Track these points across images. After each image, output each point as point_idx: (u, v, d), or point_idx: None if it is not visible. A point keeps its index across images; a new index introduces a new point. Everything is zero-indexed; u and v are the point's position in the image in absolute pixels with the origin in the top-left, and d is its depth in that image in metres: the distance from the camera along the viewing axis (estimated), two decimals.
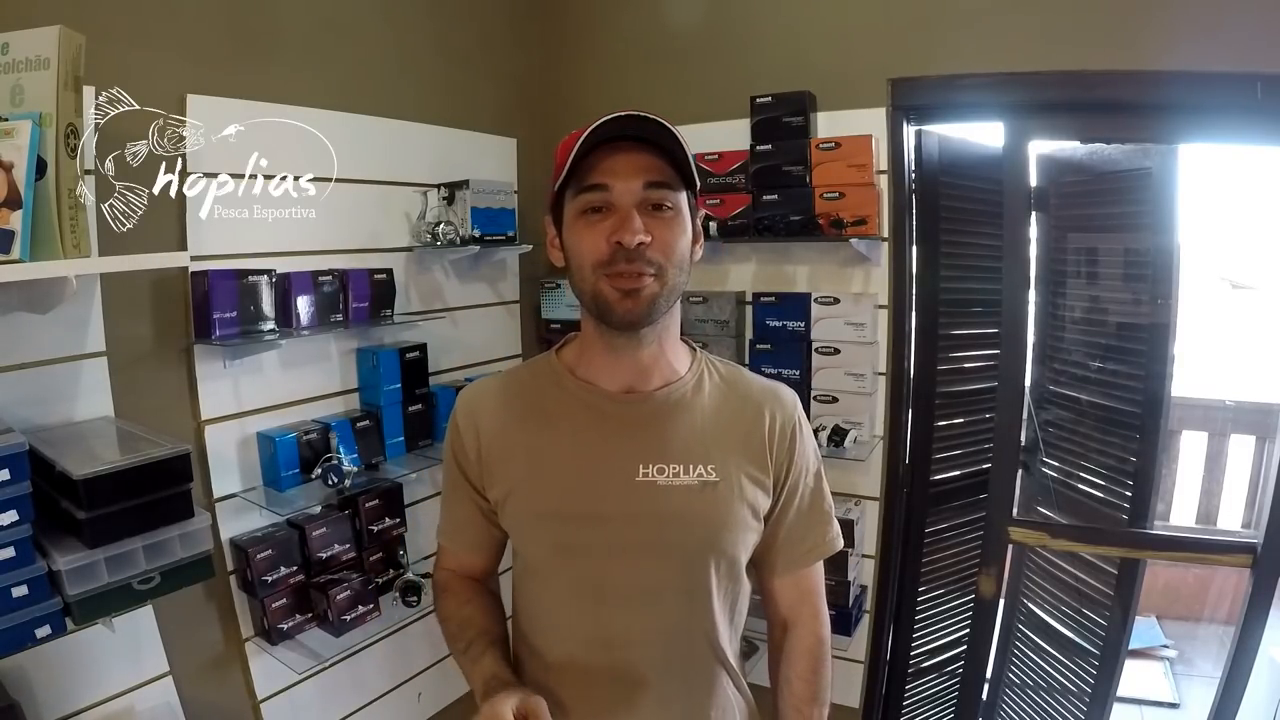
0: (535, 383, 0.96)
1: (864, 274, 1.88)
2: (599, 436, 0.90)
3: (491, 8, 2.11)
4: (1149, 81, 1.54)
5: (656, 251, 0.83)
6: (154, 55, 1.36)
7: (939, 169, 1.88)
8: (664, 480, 0.88)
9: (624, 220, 0.81)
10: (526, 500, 0.91)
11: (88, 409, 1.32)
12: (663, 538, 0.88)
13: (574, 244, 0.85)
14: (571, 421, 0.91)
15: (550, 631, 0.93)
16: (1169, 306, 1.83)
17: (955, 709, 2.02)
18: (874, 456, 1.88)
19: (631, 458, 0.88)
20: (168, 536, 1.23)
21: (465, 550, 1.01)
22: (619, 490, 0.88)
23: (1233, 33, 1.46)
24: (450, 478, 0.99)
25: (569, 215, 0.86)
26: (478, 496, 0.96)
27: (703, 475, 0.89)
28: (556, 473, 0.90)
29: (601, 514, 0.88)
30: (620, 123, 0.81)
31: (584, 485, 0.89)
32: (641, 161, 0.83)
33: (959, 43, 1.71)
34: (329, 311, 1.62)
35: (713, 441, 0.91)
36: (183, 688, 1.44)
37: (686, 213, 0.88)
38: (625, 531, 0.87)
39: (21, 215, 1.04)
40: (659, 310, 0.85)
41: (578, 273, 0.86)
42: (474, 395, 0.98)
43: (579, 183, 0.84)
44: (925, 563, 2.02)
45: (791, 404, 0.98)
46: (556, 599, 0.92)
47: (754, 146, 1.89)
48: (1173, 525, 3.11)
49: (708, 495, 0.89)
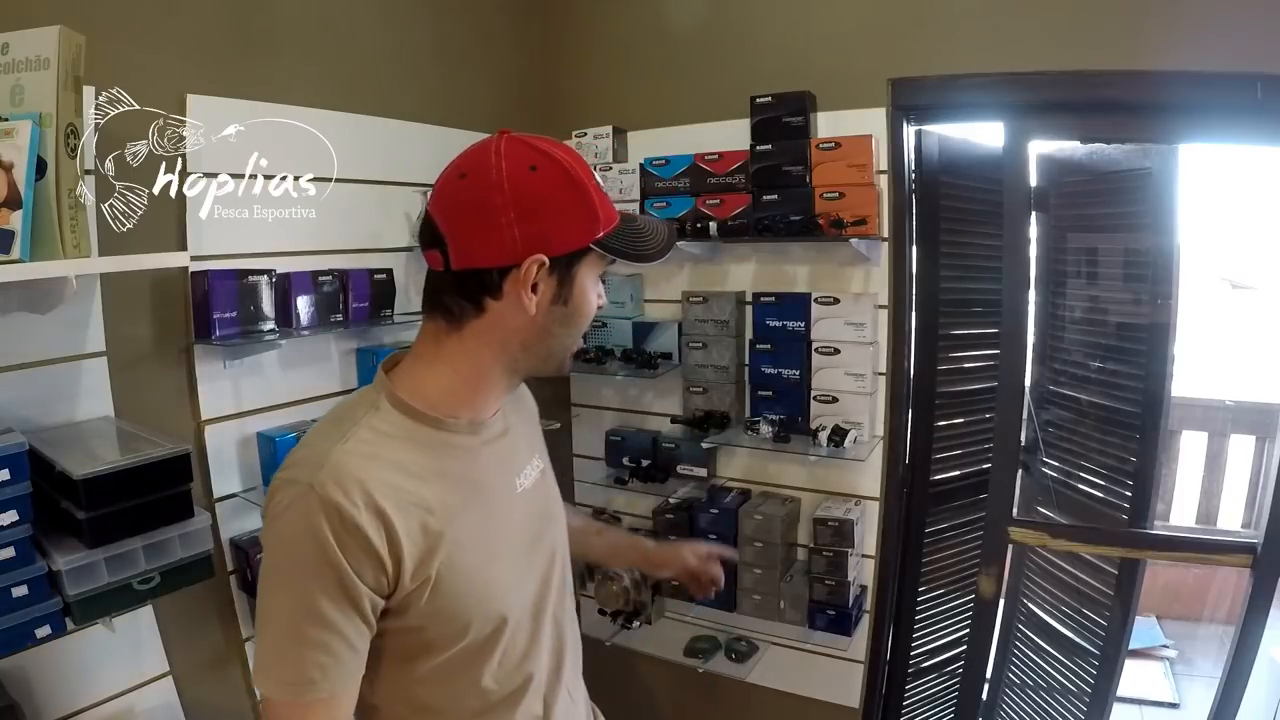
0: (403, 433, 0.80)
1: (864, 274, 1.88)
2: (487, 467, 0.87)
3: (491, 8, 2.11)
4: (1149, 81, 1.54)
5: None
6: (154, 55, 1.35)
7: (939, 169, 1.88)
8: (529, 483, 0.93)
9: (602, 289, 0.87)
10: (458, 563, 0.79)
11: (88, 409, 1.32)
12: (545, 535, 0.94)
13: (587, 302, 0.84)
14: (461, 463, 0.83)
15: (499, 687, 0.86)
16: (1169, 306, 1.83)
17: (955, 709, 2.02)
18: (874, 456, 1.88)
19: (509, 474, 0.91)
20: (168, 536, 1.23)
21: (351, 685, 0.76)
22: (510, 509, 0.89)
23: (1233, 33, 1.46)
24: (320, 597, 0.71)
25: (588, 269, 0.82)
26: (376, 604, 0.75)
27: (538, 465, 0.97)
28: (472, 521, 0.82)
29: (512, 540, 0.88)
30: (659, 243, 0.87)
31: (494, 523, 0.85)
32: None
33: (959, 43, 1.71)
34: (329, 311, 1.62)
35: (528, 434, 0.99)
36: (183, 688, 1.44)
37: None
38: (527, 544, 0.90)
39: (21, 215, 1.04)
40: None
41: (575, 332, 0.85)
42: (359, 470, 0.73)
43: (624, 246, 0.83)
44: (925, 563, 2.02)
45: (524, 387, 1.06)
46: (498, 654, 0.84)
47: (754, 146, 1.89)
48: (1173, 525, 3.11)
49: (547, 482, 0.99)
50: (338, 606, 0.72)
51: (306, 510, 0.71)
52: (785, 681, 2.07)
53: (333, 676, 0.73)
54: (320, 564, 0.71)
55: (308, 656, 0.72)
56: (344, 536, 0.71)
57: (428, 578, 0.76)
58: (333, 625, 0.72)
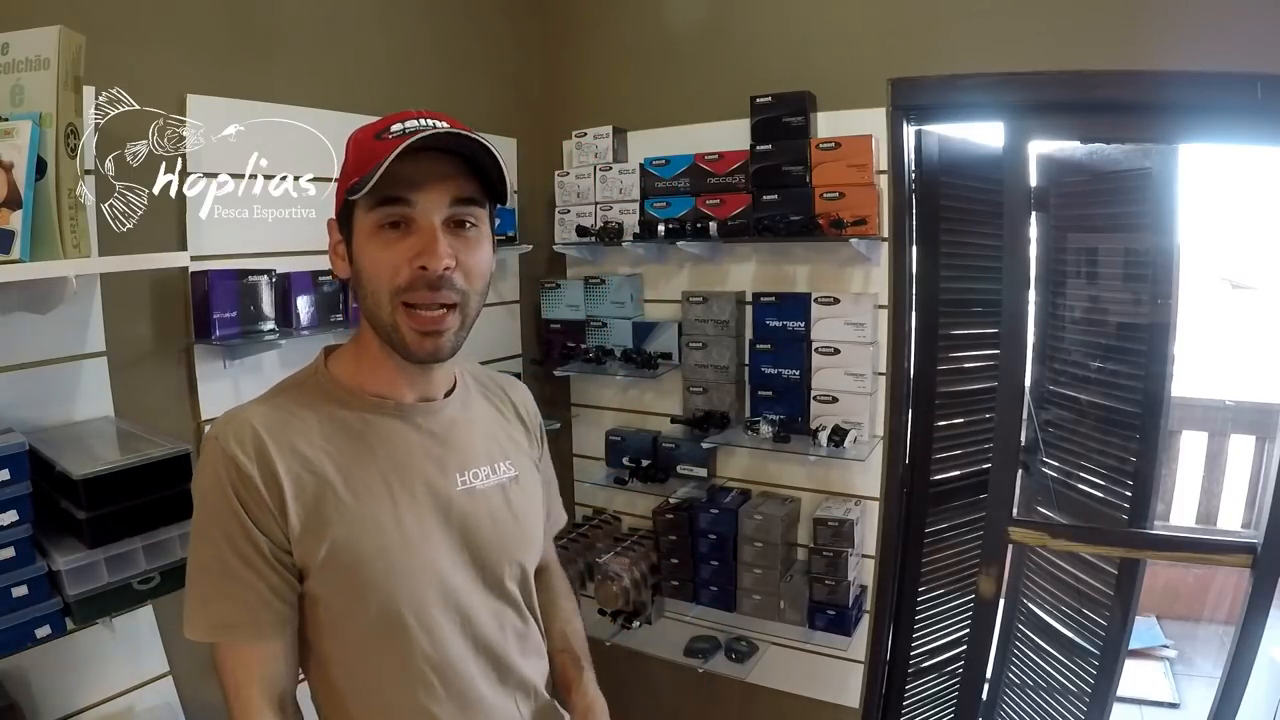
0: (320, 404, 0.83)
1: (864, 274, 1.88)
2: (413, 452, 0.84)
3: (491, 8, 2.11)
4: (1149, 81, 1.54)
5: (461, 276, 0.78)
6: (154, 55, 1.36)
7: (939, 169, 1.88)
8: (480, 484, 0.88)
9: (429, 243, 0.75)
10: (364, 540, 0.78)
11: (88, 409, 1.32)
12: (496, 541, 0.87)
13: (368, 263, 0.77)
14: (380, 441, 0.83)
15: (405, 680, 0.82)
16: (1169, 306, 1.83)
17: (955, 709, 2.02)
18: (874, 456, 1.88)
19: (449, 468, 0.86)
20: (168, 536, 1.22)
21: (266, 638, 0.78)
22: (447, 504, 0.85)
23: (1233, 33, 1.46)
24: (229, 544, 0.75)
25: (364, 226, 0.77)
26: (281, 553, 0.77)
27: (506, 472, 0.91)
28: (383, 501, 0.80)
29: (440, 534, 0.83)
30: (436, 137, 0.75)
31: (415, 509, 0.82)
32: (448, 174, 0.76)
33: (959, 43, 1.71)
34: (329, 311, 1.62)
35: (500, 437, 0.94)
36: (183, 688, 1.44)
37: (488, 228, 0.83)
38: (461, 542, 0.85)
39: (21, 215, 1.04)
40: (459, 343, 0.83)
41: (372, 296, 0.78)
42: (255, 430, 0.77)
43: (377, 193, 0.74)
44: (925, 563, 2.02)
45: (526, 390, 1.05)
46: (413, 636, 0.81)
47: (754, 146, 1.89)
48: (1173, 525, 3.11)
49: (515, 490, 0.91)
50: (245, 552, 0.76)
51: (213, 463, 0.77)
52: (785, 681, 2.07)
53: (256, 621, 0.77)
54: (225, 512, 0.76)
55: (227, 601, 0.77)
56: (239, 486, 0.75)
57: (320, 544, 0.77)
58: (244, 570, 0.76)
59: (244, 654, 0.79)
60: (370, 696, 0.83)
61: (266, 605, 0.77)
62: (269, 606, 0.77)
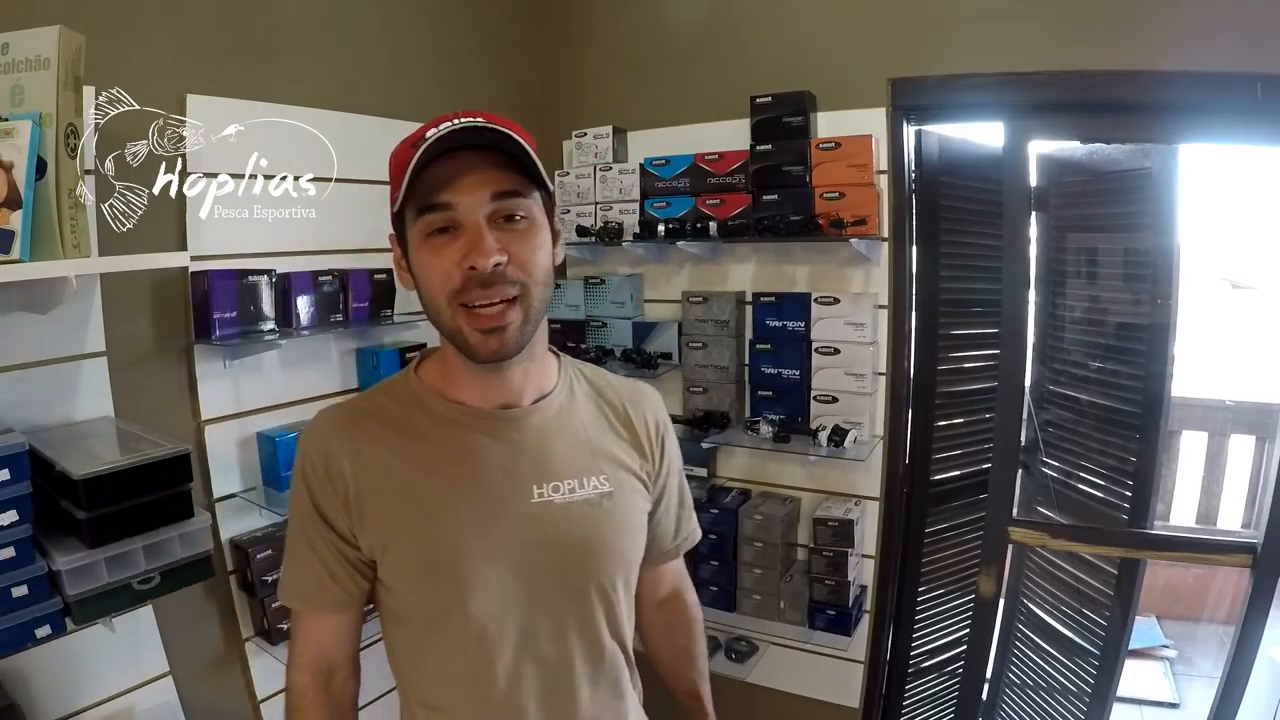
0: (400, 409, 0.86)
1: (864, 274, 1.88)
2: (484, 462, 0.83)
3: (491, 8, 2.11)
4: (1149, 81, 1.54)
5: (516, 270, 0.76)
6: (154, 55, 1.36)
7: (939, 169, 1.87)
8: (560, 498, 0.84)
9: (475, 241, 0.74)
10: (417, 543, 0.81)
11: (88, 409, 1.32)
12: (571, 559, 0.84)
13: (423, 271, 0.78)
14: (450, 449, 0.83)
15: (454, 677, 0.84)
16: (1169, 306, 1.83)
17: (955, 709, 2.02)
18: (874, 456, 1.88)
19: (523, 479, 0.83)
20: (167, 536, 1.23)
21: (328, 610, 0.86)
22: (516, 516, 0.82)
23: (1233, 33, 1.46)
24: (303, 526, 0.84)
25: (414, 238, 0.78)
26: (345, 545, 0.83)
27: (598, 487, 0.86)
28: (446, 508, 0.82)
29: (501, 547, 0.81)
30: (456, 135, 0.74)
31: (481, 514, 0.82)
32: (485, 171, 0.75)
33: (959, 43, 1.71)
34: (329, 311, 1.62)
35: (597, 449, 0.89)
36: (183, 688, 1.44)
37: (542, 218, 0.80)
38: (530, 559, 0.82)
39: (21, 215, 1.04)
40: (526, 338, 0.80)
41: (431, 303, 0.79)
42: (330, 429, 0.85)
43: (419, 201, 0.76)
44: (925, 563, 2.02)
45: (657, 401, 0.98)
46: (461, 639, 0.82)
47: (754, 146, 1.89)
48: (1173, 525, 3.11)
49: (606, 507, 0.86)
50: (312, 537, 0.84)
51: (299, 454, 0.86)
52: (785, 681, 2.07)
53: (314, 596, 0.85)
54: (302, 499, 0.84)
55: (303, 574, 0.85)
56: (312, 479, 0.83)
57: (381, 542, 0.82)
58: (309, 552, 0.84)
59: (304, 620, 0.88)
60: (423, 689, 0.87)
61: (324, 586, 0.84)
62: (326, 587, 0.84)
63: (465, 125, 0.76)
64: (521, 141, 0.76)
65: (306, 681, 0.87)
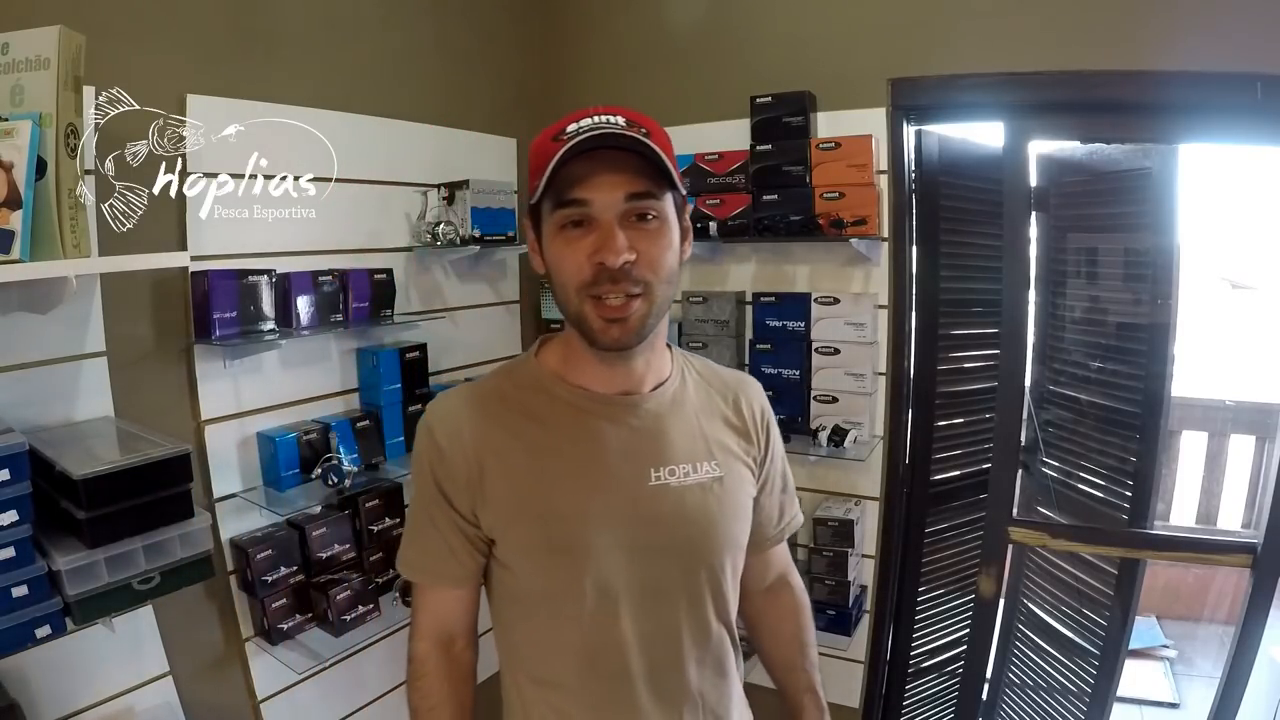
0: (520, 392, 0.90)
1: (864, 274, 1.88)
2: (604, 445, 0.87)
3: (491, 8, 2.11)
4: (1149, 81, 1.54)
5: (643, 269, 0.80)
6: (154, 55, 1.35)
7: (939, 169, 1.88)
8: (676, 482, 0.88)
9: (607, 239, 0.78)
10: (537, 523, 0.85)
11: (88, 409, 1.32)
12: (685, 538, 0.88)
13: (555, 261, 0.82)
14: (572, 430, 0.87)
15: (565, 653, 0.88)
16: (1169, 306, 1.83)
17: (955, 709, 2.02)
18: (874, 456, 1.88)
19: (641, 463, 0.87)
20: (168, 536, 1.23)
21: (448, 584, 0.91)
22: (634, 497, 0.86)
23: (1233, 33, 1.46)
24: (427, 503, 0.89)
25: (549, 229, 0.82)
26: (465, 524, 0.88)
27: (710, 472, 0.90)
28: (565, 487, 0.86)
29: (621, 524, 0.85)
30: (596, 137, 0.78)
31: (597, 497, 0.85)
32: (622, 171, 0.79)
33: (959, 43, 1.71)
34: (329, 311, 1.62)
35: (709, 436, 0.92)
36: (183, 688, 1.44)
37: (673, 217, 0.84)
38: (648, 536, 0.86)
39: (21, 215, 1.04)
40: (648, 330, 0.83)
41: (560, 291, 0.83)
42: (453, 409, 0.90)
43: (557, 195, 0.79)
44: (925, 563, 2.02)
45: (760, 389, 1.02)
46: (577, 627, 0.86)
47: (754, 146, 1.89)
48: (1173, 525, 3.11)
49: (717, 491, 0.90)
50: (435, 514, 0.88)
51: (421, 435, 0.90)
52: None
53: (435, 570, 0.90)
54: (425, 478, 0.89)
55: (424, 549, 0.90)
56: (435, 460, 0.87)
57: (500, 521, 0.86)
58: (431, 529, 0.89)
59: (426, 592, 0.93)
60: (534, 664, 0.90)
61: (445, 560, 0.89)
62: (446, 562, 0.89)
63: (607, 129, 0.79)
64: (656, 148, 0.79)
65: (428, 649, 0.92)
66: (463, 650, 0.94)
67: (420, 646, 0.93)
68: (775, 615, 1.09)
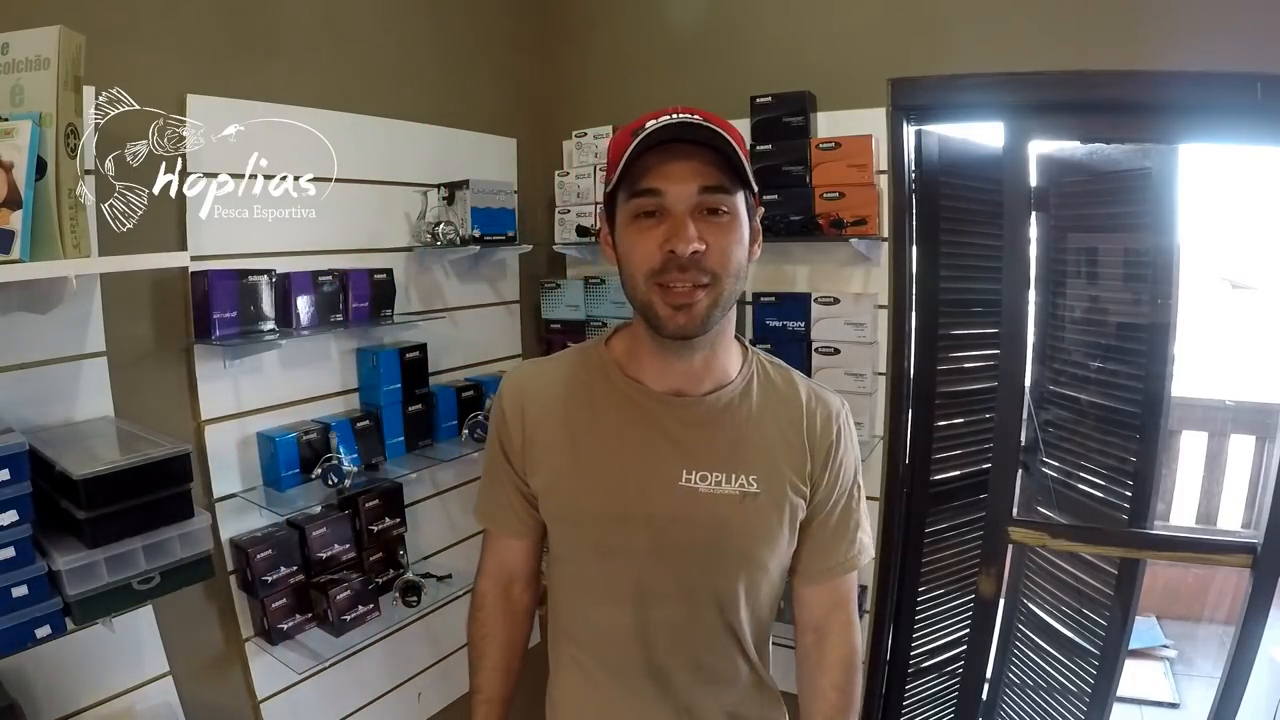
0: (584, 374, 0.95)
1: (864, 274, 1.88)
2: (644, 438, 0.90)
3: (491, 8, 2.11)
4: (1149, 81, 1.54)
5: (712, 260, 0.81)
6: (154, 55, 1.35)
7: (939, 169, 1.87)
8: (705, 488, 0.88)
9: (677, 228, 0.80)
10: (567, 495, 0.93)
11: (88, 409, 1.32)
12: (700, 544, 0.89)
13: (627, 249, 0.85)
14: (618, 419, 0.91)
15: (584, 623, 0.97)
16: (1169, 306, 1.83)
17: (955, 709, 2.02)
18: (874, 456, 1.88)
19: (675, 463, 0.89)
20: (168, 536, 1.23)
21: (509, 534, 1.01)
22: (660, 494, 0.88)
23: (1233, 33, 1.46)
24: (493, 460, 0.99)
25: (622, 217, 0.85)
26: (520, 482, 0.97)
27: (744, 486, 0.89)
28: (599, 470, 0.90)
29: (641, 515, 0.89)
30: (674, 129, 0.80)
31: (625, 485, 0.89)
32: (695, 165, 0.81)
33: (959, 43, 1.71)
34: (329, 311, 1.62)
35: (757, 448, 0.91)
36: (183, 688, 1.44)
37: (744, 215, 0.86)
38: (664, 533, 0.89)
39: (21, 215, 1.04)
40: (712, 321, 0.84)
41: (630, 279, 0.85)
42: (523, 379, 0.98)
43: (631, 185, 0.82)
44: (925, 563, 2.02)
45: (836, 411, 0.97)
46: (591, 595, 0.94)
47: (754, 146, 1.89)
48: (1173, 525, 3.12)
49: (747, 507, 0.89)
50: (498, 472, 0.99)
51: (496, 398, 1.00)
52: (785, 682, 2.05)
53: (499, 520, 1.01)
54: (493, 438, 0.99)
55: (492, 499, 1.01)
56: (501, 424, 0.97)
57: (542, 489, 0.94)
58: (496, 484, 0.99)
59: (491, 538, 1.04)
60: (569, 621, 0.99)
61: (506, 513, 0.99)
62: (507, 514, 0.99)
63: (683, 120, 0.81)
64: (732, 142, 0.81)
65: (489, 586, 1.04)
66: (521, 593, 1.05)
67: (483, 583, 1.04)
68: (813, 662, 1.01)
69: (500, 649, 1.03)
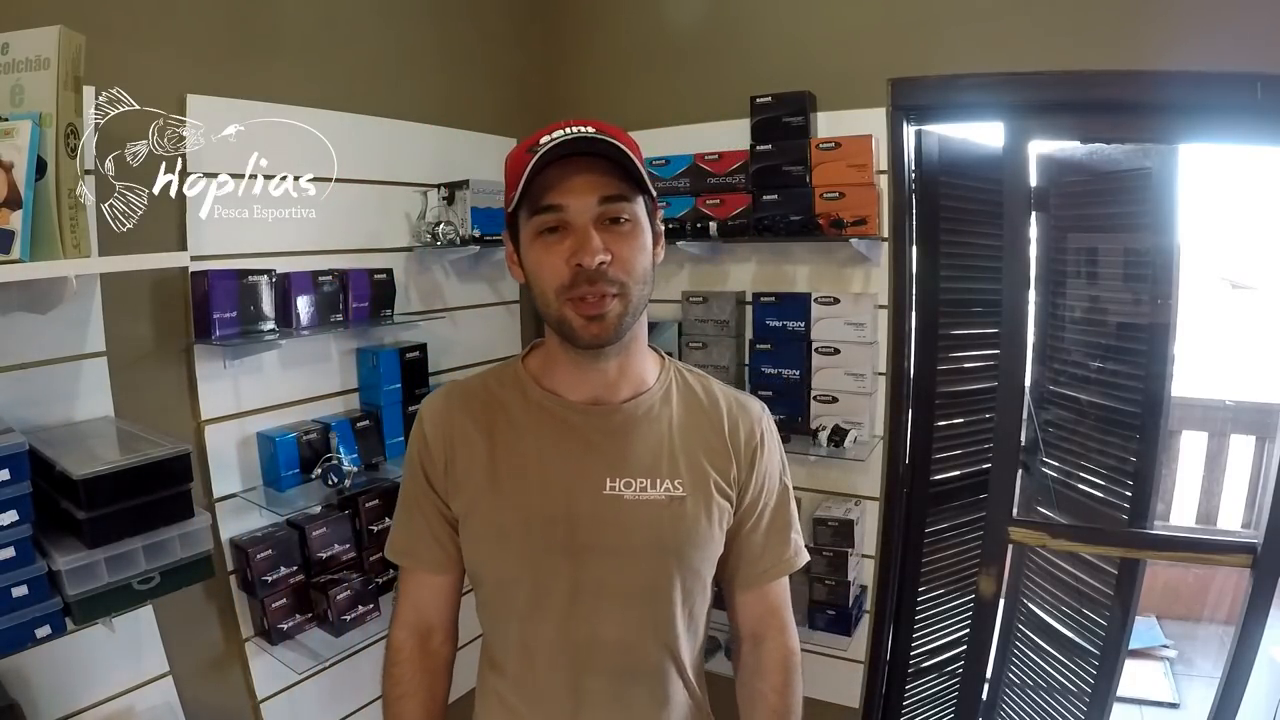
0: (502, 391, 0.94)
1: (864, 274, 1.88)
2: (565, 449, 0.89)
3: (491, 8, 2.11)
4: (1149, 81, 1.54)
5: (618, 269, 0.82)
6: (154, 55, 1.35)
7: (939, 169, 1.88)
8: (631, 495, 0.88)
9: (583, 241, 0.80)
10: (490, 511, 0.89)
11: (88, 409, 1.32)
12: (627, 550, 0.87)
13: (534, 267, 0.84)
14: (538, 433, 0.90)
15: (509, 648, 0.92)
16: (1169, 306, 1.83)
17: (955, 709, 2.02)
18: (874, 456, 1.88)
19: (598, 471, 0.88)
20: (168, 536, 1.23)
21: (429, 569, 0.95)
22: (585, 501, 0.87)
23: (1233, 33, 1.46)
24: (413, 487, 0.95)
25: (525, 235, 0.85)
26: (443, 505, 0.93)
27: (670, 490, 0.89)
28: (521, 483, 0.89)
29: (565, 525, 0.87)
30: (569, 144, 0.80)
31: (549, 496, 0.88)
32: (593, 177, 0.81)
33: (959, 43, 1.71)
34: (329, 311, 1.62)
35: (680, 453, 0.91)
36: (183, 688, 1.44)
37: (645, 220, 0.86)
38: (590, 540, 0.87)
39: (21, 215, 1.04)
40: (625, 328, 0.84)
41: (540, 296, 0.85)
42: (441, 403, 0.95)
43: (533, 203, 0.82)
44: (925, 563, 2.02)
45: (757, 416, 0.97)
46: (517, 614, 0.90)
47: (754, 146, 1.89)
48: (1173, 525, 3.11)
49: (674, 510, 0.89)
50: (419, 499, 0.94)
51: (416, 423, 0.96)
52: None
53: (418, 554, 0.95)
54: (412, 464, 0.95)
55: (407, 532, 0.96)
56: (421, 448, 0.94)
57: (463, 509, 0.91)
58: (422, 510, 0.94)
59: (409, 579, 0.98)
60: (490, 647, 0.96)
61: (427, 544, 0.94)
62: (427, 546, 0.94)
63: (577, 135, 0.81)
64: (627, 150, 0.82)
65: (404, 638, 0.96)
66: (440, 644, 0.98)
67: (399, 635, 0.97)
68: (750, 669, 1.00)
69: (419, 709, 0.96)
